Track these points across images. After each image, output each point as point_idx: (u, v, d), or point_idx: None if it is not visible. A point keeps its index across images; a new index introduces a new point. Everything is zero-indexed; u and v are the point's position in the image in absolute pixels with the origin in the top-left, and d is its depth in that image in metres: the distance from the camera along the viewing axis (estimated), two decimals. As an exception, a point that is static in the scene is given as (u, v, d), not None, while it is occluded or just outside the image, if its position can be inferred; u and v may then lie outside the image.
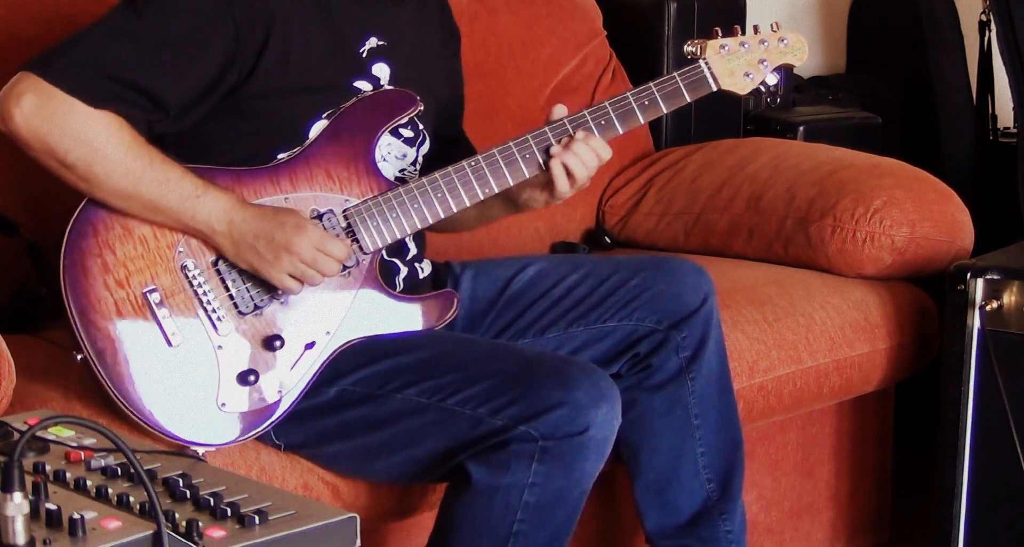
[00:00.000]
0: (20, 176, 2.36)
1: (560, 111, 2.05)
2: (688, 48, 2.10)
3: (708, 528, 2.20)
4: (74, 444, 1.53)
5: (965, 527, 2.47)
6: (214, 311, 1.92)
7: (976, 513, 2.46)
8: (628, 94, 2.05)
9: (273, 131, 1.99)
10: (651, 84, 2.05)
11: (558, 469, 1.89)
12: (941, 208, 2.69)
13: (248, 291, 1.94)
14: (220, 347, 1.92)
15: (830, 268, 2.69)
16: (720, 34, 2.09)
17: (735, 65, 2.08)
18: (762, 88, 2.10)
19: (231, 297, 1.94)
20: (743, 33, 2.10)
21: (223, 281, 1.94)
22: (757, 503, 2.62)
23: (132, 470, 1.37)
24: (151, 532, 1.31)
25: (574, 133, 2.02)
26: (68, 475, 1.44)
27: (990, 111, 3.60)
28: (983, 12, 3.51)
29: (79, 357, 1.89)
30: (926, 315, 2.70)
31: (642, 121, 2.05)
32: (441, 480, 2.02)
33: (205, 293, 1.92)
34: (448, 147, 2.18)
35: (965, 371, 2.43)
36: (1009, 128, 3.61)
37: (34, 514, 1.31)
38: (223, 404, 1.91)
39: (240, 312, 1.94)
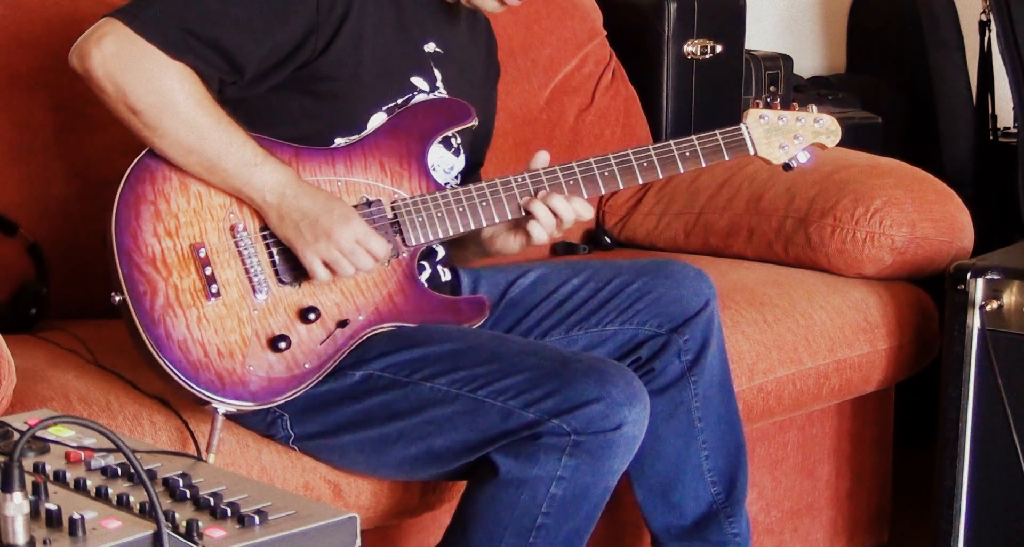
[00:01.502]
0: (20, 176, 2.36)
1: (543, 158, 2.08)
2: (688, 48, 2.12)
3: (716, 531, 2.20)
4: (74, 444, 1.53)
5: (965, 527, 2.47)
6: (256, 275, 1.94)
7: (976, 513, 2.46)
8: (671, 143, 2.10)
9: (335, 115, 2.03)
10: (694, 137, 2.11)
11: (587, 464, 1.90)
12: (941, 208, 2.69)
13: (291, 261, 1.96)
14: (256, 310, 1.94)
15: (830, 268, 2.69)
16: (762, 105, 2.15)
17: (772, 136, 2.14)
18: (793, 163, 2.16)
19: (274, 264, 1.96)
20: (783, 106, 2.15)
21: (268, 248, 1.96)
22: (757, 503, 2.62)
23: (132, 470, 1.37)
24: (151, 532, 1.31)
25: (617, 170, 2.07)
26: (68, 475, 1.44)
27: (990, 111, 3.59)
28: (983, 12, 3.51)
29: (117, 299, 1.90)
30: (926, 315, 2.70)
31: (681, 170, 2.10)
32: (445, 477, 2.03)
33: (250, 256, 1.94)
34: (468, 169, 2.21)
35: (965, 371, 2.43)
36: (1009, 128, 3.61)
37: (34, 514, 1.31)
38: (250, 366, 1.92)
39: (280, 280, 1.96)
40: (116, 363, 2.01)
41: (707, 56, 3.11)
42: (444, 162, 2.12)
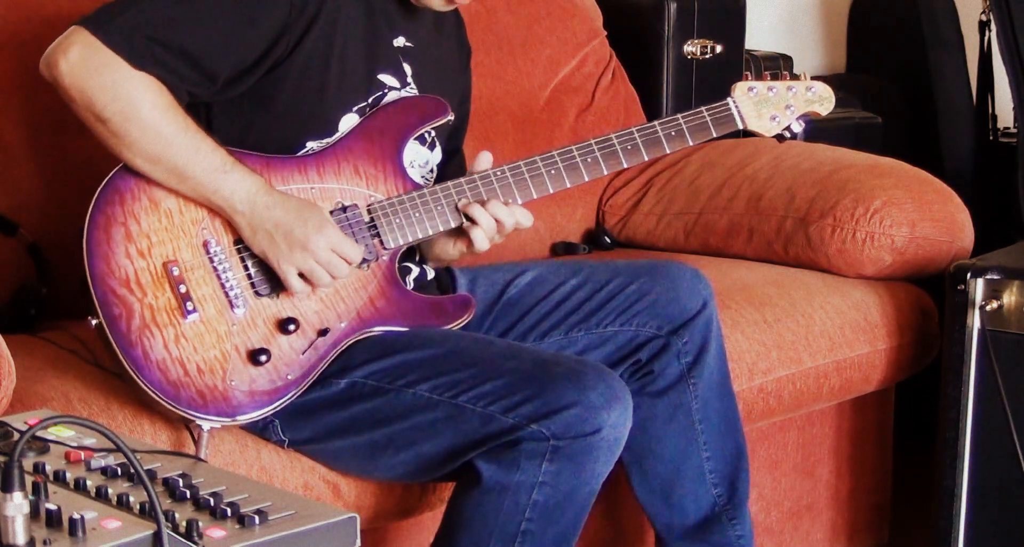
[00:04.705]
0: (20, 176, 2.36)
1: (485, 159, 2.06)
2: (688, 48, 2.12)
3: (718, 533, 2.20)
4: (74, 444, 1.53)
5: (965, 527, 2.46)
6: (231, 289, 1.94)
7: (976, 513, 2.46)
8: (656, 123, 2.09)
9: (305, 118, 2.01)
10: (679, 116, 2.09)
11: (568, 469, 1.89)
12: (941, 208, 2.69)
13: (267, 272, 1.95)
14: (234, 325, 1.93)
15: (830, 268, 2.69)
16: (751, 78, 2.13)
17: (763, 109, 2.12)
18: (786, 134, 2.14)
19: (249, 277, 1.95)
20: (773, 79, 2.13)
21: (243, 261, 1.95)
22: (757, 503, 2.62)
23: (132, 470, 1.37)
24: (151, 532, 1.31)
25: (600, 155, 2.05)
26: (68, 475, 1.44)
27: (990, 111, 3.60)
28: (983, 12, 3.51)
29: (94, 322, 1.90)
30: (926, 315, 2.70)
31: (668, 150, 2.09)
32: (444, 479, 2.02)
33: (224, 271, 1.94)
34: (446, 159, 2.20)
35: (965, 371, 2.43)
36: (1009, 128, 3.61)
37: (34, 514, 1.31)
38: (232, 381, 1.91)
39: (257, 293, 1.95)
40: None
41: (707, 56, 3.11)
42: (420, 157, 2.11)
